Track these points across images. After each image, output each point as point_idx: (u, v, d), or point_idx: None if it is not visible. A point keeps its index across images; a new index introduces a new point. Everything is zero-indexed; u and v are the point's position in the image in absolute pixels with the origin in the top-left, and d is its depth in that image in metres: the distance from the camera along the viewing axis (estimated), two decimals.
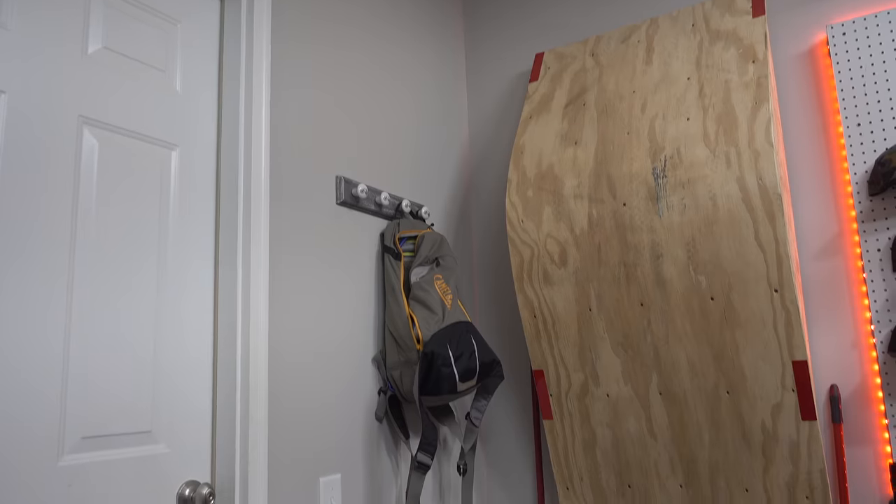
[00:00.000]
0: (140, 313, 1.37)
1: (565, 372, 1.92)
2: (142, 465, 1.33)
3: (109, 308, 1.32)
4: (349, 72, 1.92)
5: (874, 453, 1.72)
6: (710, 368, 1.73)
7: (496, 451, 2.25)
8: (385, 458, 1.83)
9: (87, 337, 1.27)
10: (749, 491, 1.75)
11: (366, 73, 1.98)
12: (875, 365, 1.73)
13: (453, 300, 1.88)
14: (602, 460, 1.92)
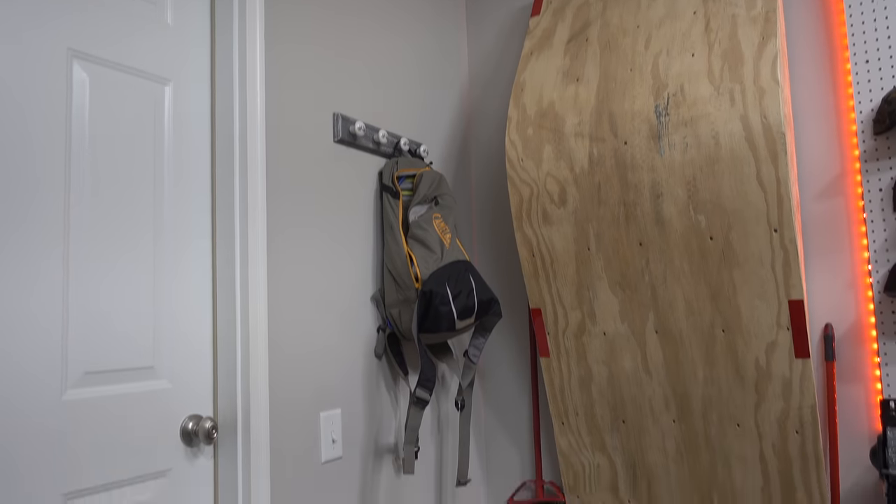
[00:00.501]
0: (138, 250, 1.37)
1: (563, 310, 1.94)
2: (145, 399, 1.35)
3: (108, 246, 1.32)
4: (347, 5, 1.86)
5: (865, 390, 1.75)
6: (707, 307, 1.75)
7: (493, 387, 2.29)
8: (384, 393, 1.87)
9: (87, 274, 1.28)
10: (740, 426, 1.79)
11: (364, 7, 1.93)
12: (870, 304, 1.75)
13: (452, 239, 1.88)
14: (597, 396, 1.96)
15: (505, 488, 2.25)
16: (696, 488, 1.88)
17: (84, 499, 1.24)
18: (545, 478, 2.17)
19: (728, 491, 1.84)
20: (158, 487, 1.37)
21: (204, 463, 1.46)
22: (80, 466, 1.24)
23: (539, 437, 2.18)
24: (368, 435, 1.80)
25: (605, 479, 2.01)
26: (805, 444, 1.72)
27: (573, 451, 2.04)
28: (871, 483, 1.74)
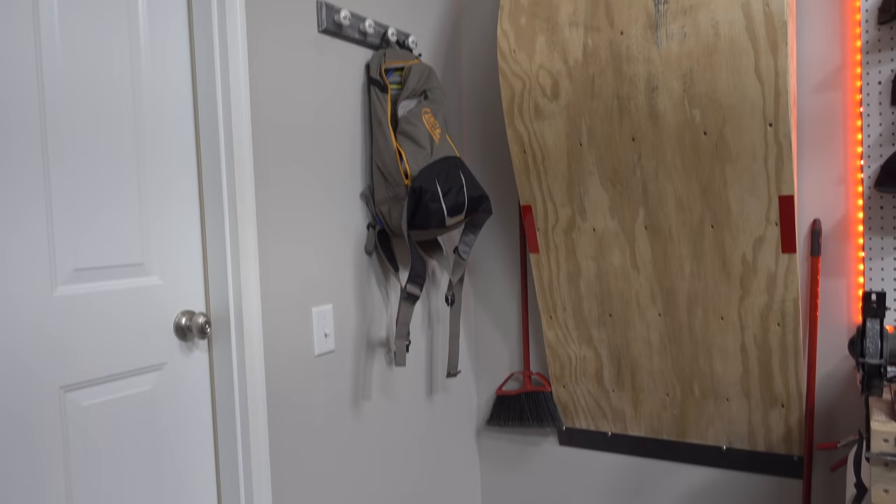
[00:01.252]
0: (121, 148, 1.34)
1: (553, 207, 1.93)
2: (137, 296, 1.36)
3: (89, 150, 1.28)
4: None
5: (847, 284, 1.78)
6: (697, 203, 1.75)
7: (483, 283, 2.32)
8: (375, 289, 1.89)
9: (64, 167, 1.25)
10: (724, 319, 1.83)
11: None
12: (859, 200, 1.75)
13: (441, 134, 1.84)
14: (585, 291, 1.99)
15: (494, 379, 2.32)
16: (678, 378, 1.95)
17: (82, 391, 1.27)
18: (533, 369, 2.24)
19: (708, 380, 1.91)
20: (156, 380, 1.40)
21: (199, 356, 1.49)
22: (76, 360, 1.26)
23: (527, 330, 2.23)
24: (360, 329, 1.84)
25: (590, 369, 2.08)
26: (785, 335, 1.77)
27: (560, 343, 2.09)
28: (846, 372, 1.81)
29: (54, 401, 1.22)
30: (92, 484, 1.28)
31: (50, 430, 1.22)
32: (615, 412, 2.09)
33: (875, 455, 1.22)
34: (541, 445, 2.27)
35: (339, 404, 1.76)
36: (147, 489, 1.38)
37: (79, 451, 1.26)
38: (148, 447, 1.38)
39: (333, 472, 1.74)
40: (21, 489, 1.17)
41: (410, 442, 2.03)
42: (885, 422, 1.24)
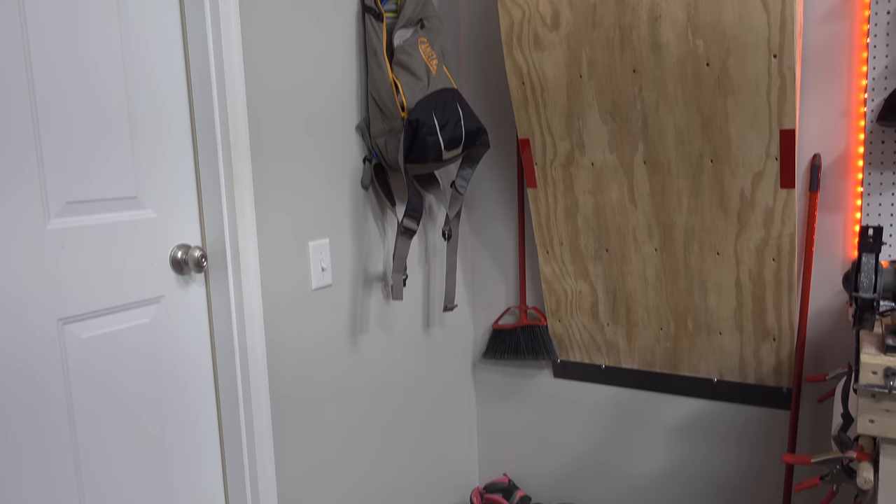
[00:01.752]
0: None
1: (551, 140, 1.91)
2: (131, 229, 1.35)
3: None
4: None
5: (844, 220, 1.78)
6: (697, 137, 1.72)
7: (480, 218, 2.31)
8: (372, 223, 1.88)
9: (50, 81, 1.22)
10: (720, 254, 1.83)
11: None
12: (861, 134, 1.73)
13: (438, 66, 1.80)
14: (582, 226, 1.99)
15: (490, 313, 2.35)
16: (672, 312, 1.97)
17: (80, 324, 1.28)
18: (529, 303, 2.26)
19: (702, 314, 1.93)
20: (153, 313, 1.41)
21: (196, 290, 1.49)
22: (72, 293, 1.26)
23: (524, 265, 2.24)
24: (357, 264, 1.84)
25: (585, 304, 2.10)
26: (780, 270, 1.77)
27: (556, 278, 2.10)
28: (837, 307, 1.83)
29: (53, 333, 1.23)
30: (94, 414, 1.30)
31: (50, 362, 1.23)
32: (609, 345, 2.12)
33: (863, 387, 1.24)
34: (535, 378, 2.31)
35: (337, 337, 1.78)
36: (148, 419, 1.40)
37: (80, 383, 1.28)
38: (148, 378, 1.40)
39: (332, 403, 1.78)
40: (24, 420, 1.19)
41: (408, 374, 2.07)
42: (875, 354, 1.26)
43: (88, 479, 1.30)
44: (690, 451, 2.08)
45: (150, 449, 1.41)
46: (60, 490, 1.25)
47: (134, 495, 1.38)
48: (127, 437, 1.36)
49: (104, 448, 1.32)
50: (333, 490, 1.80)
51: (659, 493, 2.16)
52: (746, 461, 2.00)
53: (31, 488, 1.21)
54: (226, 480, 1.58)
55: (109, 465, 1.33)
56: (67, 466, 1.26)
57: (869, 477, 1.24)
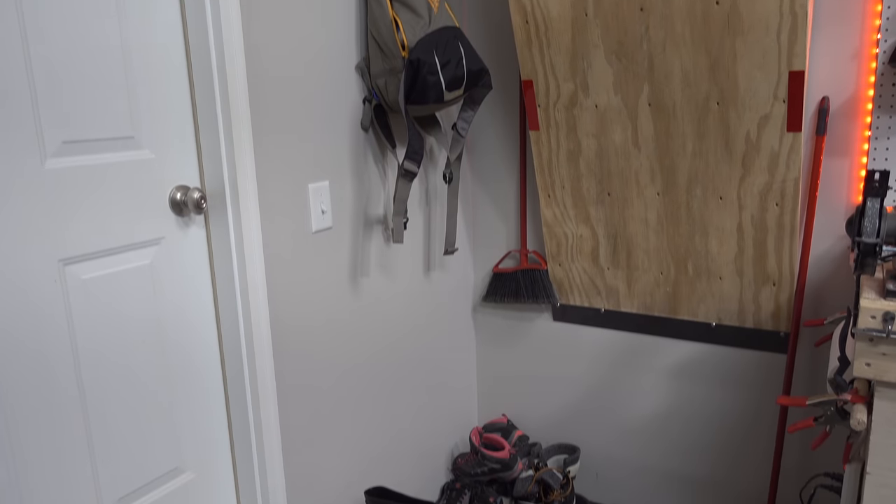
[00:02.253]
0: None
1: (555, 82, 1.87)
2: (129, 169, 1.34)
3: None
4: None
5: (850, 164, 1.76)
6: (704, 78, 1.69)
7: (481, 161, 2.29)
8: (372, 166, 1.86)
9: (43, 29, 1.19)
10: (723, 199, 1.82)
11: None
12: (872, 77, 1.69)
13: (440, 3, 1.75)
14: (584, 170, 1.97)
15: (491, 257, 2.35)
16: (673, 256, 1.97)
17: (80, 264, 1.28)
18: (529, 247, 2.26)
19: (703, 259, 1.93)
20: (154, 254, 1.40)
21: (196, 232, 1.49)
22: (72, 234, 1.25)
23: (525, 209, 2.23)
24: (357, 206, 1.83)
25: (586, 248, 2.09)
26: (783, 215, 1.77)
27: (557, 222, 2.10)
28: (839, 252, 1.83)
29: (54, 273, 1.23)
30: (99, 355, 1.31)
31: (53, 303, 1.23)
32: (609, 289, 2.13)
33: (861, 331, 1.25)
34: (535, 321, 2.33)
35: (338, 280, 1.79)
36: (152, 360, 1.42)
37: (83, 324, 1.28)
38: (151, 320, 1.41)
39: (333, 345, 1.79)
40: (28, 361, 1.21)
41: (409, 317, 2.08)
42: (875, 299, 1.26)
43: (95, 420, 1.32)
44: (687, 393, 2.11)
45: (154, 391, 1.43)
46: (67, 432, 1.28)
47: (139, 437, 1.41)
48: (132, 379, 1.38)
49: (110, 389, 1.34)
50: (337, 431, 1.83)
51: (655, 435, 2.20)
52: (742, 404, 2.04)
53: (37, 430, 1.23)
54: (230, 424, 1.61)
55: (115, 407, 1.35)
56: (73, 408, 1.28)
57: (862, 418, 1.26)
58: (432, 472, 2.30)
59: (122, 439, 1.38)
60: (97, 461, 1.33)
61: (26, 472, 1.22)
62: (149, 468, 1.44)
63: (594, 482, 2.35)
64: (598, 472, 2.34)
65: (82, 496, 1.31)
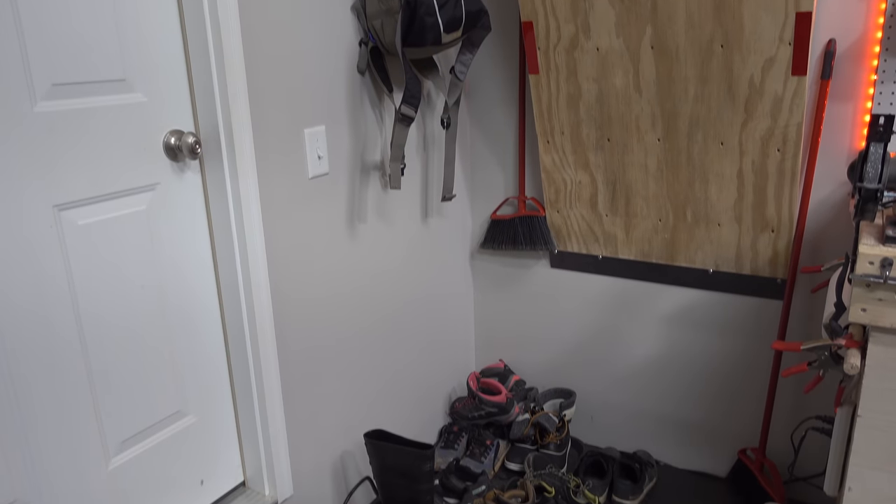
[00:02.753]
0: None
1: (556, 23, 1.83)
2: (121, 114, 1.31)
3: None
4: None
5: (854, 109, 1.73)
6: (709, 20, 1.65)
7: (480, 105, 2.25)
8: (368, 110, 1.83)
9: None
10: (724, 144, 1.80)
11: None
12: (881, 18, 1.65)
13: None
14: (584, 115, 1.94)
15: (488, 204, 2.33)
16: (672, 203, 1.96)
17: (76, 210, 1.26)
18: (528, 194, 2.25)
19: (702, 205, 1.92)
20: (149, 200, 1.39)
21: (192, 177, 1.47)
22: (66, 179, 1.24)
23: (524, 155, 2.21)
24: (354, 152, 1.80)
25: (585, 194, 2.08)
26: (784, 161, 1.75)
27: (556, 168, 2.08)
28: (839, 199, 1.82)
29: (49, 219, 1.22)
30: (97, 300, 1.31)
31: (49, 249, 1.23)
32: (607, 236, 2.12)
33: (858, 277, 1.25)
34: (532, 268, 2.33)
35: (336, 226, 1.78)
36: (151, 306, 1.42)
37: (81, 270, 1.28)
38: (149, 266, 1.40)
39: (331, 292, 1.80)
40: (27, 308, 1.21)
41: (405, 264, 2.08)
42: (873, 245, 1.26)
43: (96, 366, 1.33)
44: (683, 339, 2.13)
45: (154, 337, 1.43)
46: (69, 377, 1.28)
47: (141, 382, 1.42)
48: (132, 325, 1.38)
49: (109, 335, 1.34)
50: (336, 377, 1.85)
51: (650, 380, 2.23)
52: (737, 350, 2.06)
53: (39, 376, 1.24)
54: (230, 369, 1.62)
55: (115, 353, 1.36)
56: (74, 354, 1.29)
57: (856, 363, 1.28)
58: (430, 416, 2.34)
59: (123, 384, 1.39)
60: (100, 405, 1.35)
61: (30, 417, 1.23)
62: (151, 412, 1.46)
63: (589, 425, 2.40)
64: (593, 416, 2.38)
65: (87, 439, 1.33)
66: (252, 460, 1.68)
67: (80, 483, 1.33)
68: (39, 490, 1.27)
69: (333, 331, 1.83)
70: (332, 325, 1.82)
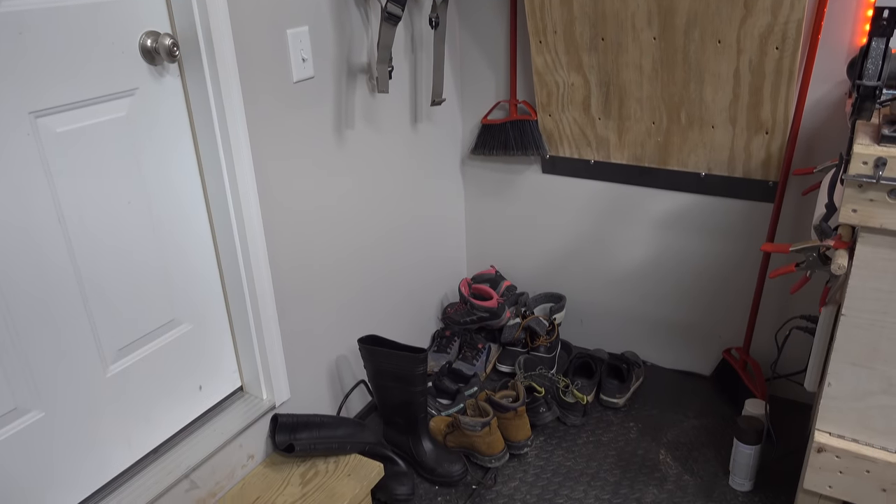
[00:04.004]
0: None
1: None
2: (91, 13, 1.24)
3: None
4: None
5: (857, 4, 1.67)
6: None
7: (469, 4, 2.16)
8: (353, 9, 1.75)
9: None
10: (721, 42, 1.75)
11: None
12: None
13: None
14: (578, 12, 1.87)
15: (479, 108, 2.28)
16: (666, 105, 1.92)
17: (53, 117, 1.22)
18: (519, 97, 2.20)
19: (697, 107, 1.88)
20: (129, 105, 1.35)
21: (171, 81, 1.42)
22: (40, 84, 1.19)
23: (515, 56, 2.14)
24: (339, 54, 1.74)
25: (577, 97, 2.03)
26: (782, 59, 1.70)
27: (549, 70, 2.02)
28: (835, 98, 1.78)
29: (26, 126, 1.18)
30: (84, 214, 1.29)
31: (28, 159, 1.19)
32: (599, 140, 2.09)
33: (851, 177, 1.24)
34: (524, 174, 2.31)
35: (322, 132, 1.74)
36: (139, 219, 1.40)
37: (65, 183, 1.25)
38: (134, 178, 1.38)
39: (321, 200, 1.78)
40: (11, 222, 1.19)
41: (395, 170, 2.06)
42: (868, 145, 1.24)
43: (88, 279, 1.32)
44: (673, 243, 2.15)
45: (144, 249, 1.42)
46: (60, 290, 1.28)
47: (133, 293, 1.42)
48: (121, 239, 1.37)
49: (99, 249, 1.33)
50: (328, 283, 1.86)
51: (639, 283, 2.26)
52: (726, 253, 2.08)
53: (30, 291, 1.23)
54: (223, 278, 1.62)
55: (106, 266, 1.35)
56: (64, 267, 1.28)
57: (843, 263, 1.29)
58: (423, 321, 2.38)
59: (116, 296, 1.39)
60: (94, 316, 1.36)
61: (25, 329, 1.24)
62: (145, 322, 1.47)
63: (579, 328, 2.45)
64: (582, 319, 2.43)
65: (83, 348, 1.35)
66: (248, 366, 1.71)
67: (80, 389, 1.36)
68: (39, 396, 1.29)
69: (324, 239, 1.82)
70: (322, 233, 1.81)
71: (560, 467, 1.91)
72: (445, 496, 1.81)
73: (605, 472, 1.89)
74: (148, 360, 1.49)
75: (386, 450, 1.81)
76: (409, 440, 1.87)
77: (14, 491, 1.28)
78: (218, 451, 1.60)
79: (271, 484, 1.67)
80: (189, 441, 1.59)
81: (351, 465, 1.72)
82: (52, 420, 1.32)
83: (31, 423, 1.28)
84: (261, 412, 1.70)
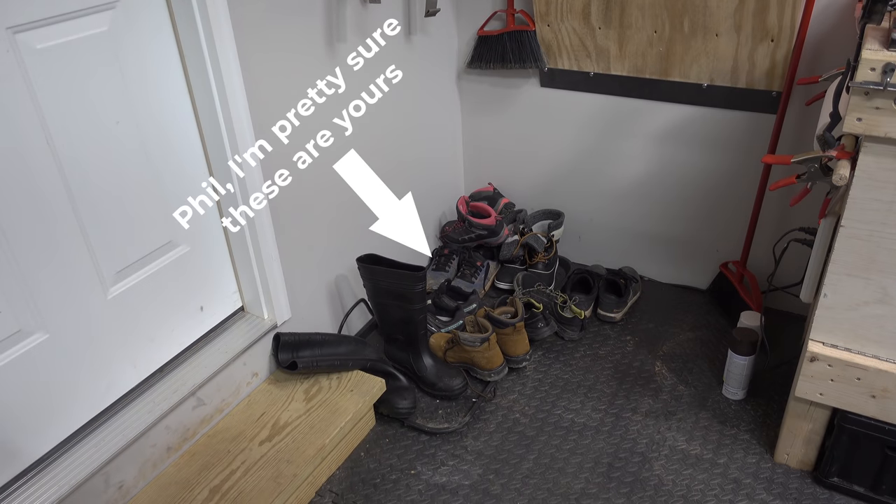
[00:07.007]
0: None
1: None
2: None
3: None
4: None
5: None
6: None
7: None
8: None
9: None
10: None
11: None
12: None
13: None
14: None
15: (475, 19, 2.20)
16: (669, 12, 1.85)
17: (32, 32, 1.17)
18: (516, 6, 2.11)
19: (700, 14, 1.81)
20: (111, 20, 1.29)
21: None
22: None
23: None
24: None
25: (577, 5, 1.96)
26: None
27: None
28: (843, 4, 1.72)
29: (5, 43, 1.14)
30: (72, 135, 1.26)
31: (9, 77, 1.16)
32: (599, 51, 2.03)
33: (858, 84, 1.21)
34: (522, 87, 2.26)
35: (312, 45, 1.68)
36: (129, 139, 1.37)
37: (49, 103, 1.22)
38: (120, 96, 1.34)
39: (314, 115, 1.74)
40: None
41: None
42: (877, 50, 1.20)
43: (82, 204, 1.31)
44: (673, 157, 2.12)
45: (136, 171, 1.40)
46: (55, 216, 1.27)
47: (128, 215, 1.41)
48: (112, 160, 1.35)
49: (90, 172, 1.31)
50: (326, 201, 1.85)
51: (638, 199, 2.25)
52: (727, 165, 2.05)
53: (26, 220, 1.22)
54: (219, 199, 1.61)
55: (99, 188, 1.33)
56: (57, 191, 1.26)
57: (845, 174, 1.27)
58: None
59: (111, 219, 1.38)
60: (91, 239, 1.35)
61: (22, 255, 1.23)
62: (143, 243, 1.46)
63: (577, 245, 2.45)
64: (580, 236, 2.43)
65: (82, 272, 1.35)
66: (249, 286, 1.72)
67: (80, 312, 1.37)
68: (41, 319, 1.30)
69: (320, 158, 1.79)
70: (317, 152, 1.78)
71: (558, 380, 1.96)
72: (446, 409, 1.86)
73: (601, 384, 1.93)
74: (147, 282, 1.50)
75: (387, 366, 1.85)
76: (410, 356, 1.91)
77: (24, 409, 1.31)
78: (222, 370, 1.63)
79: (276, 400, 1.71)
80: (193, 360, 1.62)
81: (353, 381, 1.76)
82: (56, 341, 1.33)
83: (36, 345, 1.30)
84: (263, 331, 1.72)
